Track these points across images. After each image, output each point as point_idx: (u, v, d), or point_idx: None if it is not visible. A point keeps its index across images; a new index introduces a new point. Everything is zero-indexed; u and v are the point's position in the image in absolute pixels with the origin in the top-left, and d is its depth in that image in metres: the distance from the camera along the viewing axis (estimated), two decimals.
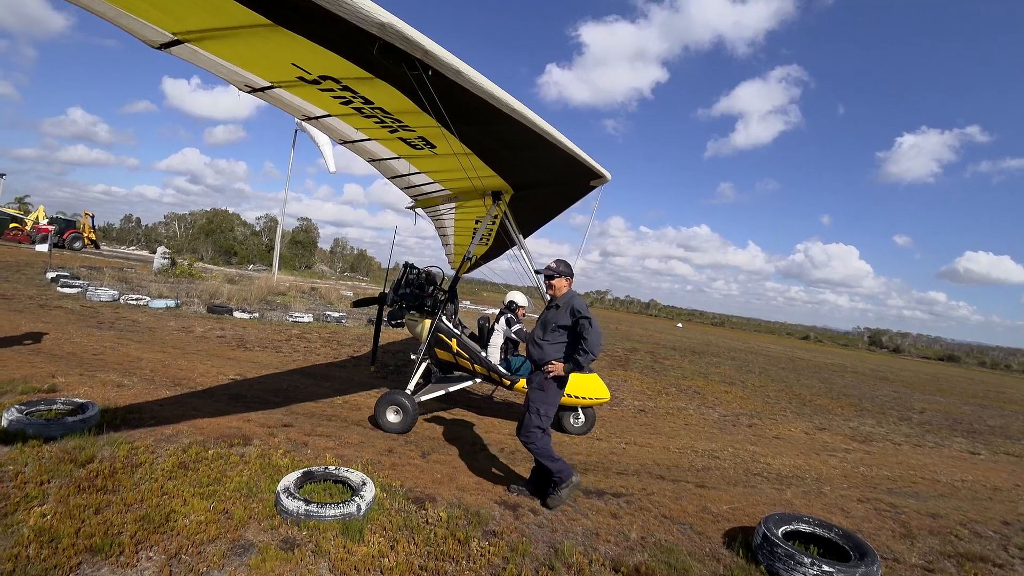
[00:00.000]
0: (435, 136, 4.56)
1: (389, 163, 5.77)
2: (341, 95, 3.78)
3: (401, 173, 6.14)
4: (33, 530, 2.93)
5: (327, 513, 3.42)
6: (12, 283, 13.66)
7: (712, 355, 20.96)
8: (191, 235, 55.22)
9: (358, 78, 3.47)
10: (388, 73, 3.34)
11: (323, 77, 3.49)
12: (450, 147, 4.75)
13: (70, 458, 3.84)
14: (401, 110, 4.03)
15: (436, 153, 5.10)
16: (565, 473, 4.21)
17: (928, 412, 13.43)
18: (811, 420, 10.31)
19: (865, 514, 5.17)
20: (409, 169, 5.96)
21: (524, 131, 4.24)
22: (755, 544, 3.79)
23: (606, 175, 5.82)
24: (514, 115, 3.86)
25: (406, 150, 5.16)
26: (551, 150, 4.80)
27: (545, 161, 5.41)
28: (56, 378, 5.93)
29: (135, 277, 17.41)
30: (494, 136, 4.73)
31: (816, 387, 15.49)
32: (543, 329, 4.38)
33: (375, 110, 4.06)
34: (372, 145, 5.12)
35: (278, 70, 3.48)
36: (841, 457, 7.56)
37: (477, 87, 3.38)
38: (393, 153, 5.36)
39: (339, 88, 3.66)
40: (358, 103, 3.94)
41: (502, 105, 3.67)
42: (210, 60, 3.29)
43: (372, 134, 4.76)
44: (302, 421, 5.75)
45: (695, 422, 8.81)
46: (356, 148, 5.24)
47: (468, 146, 4.88)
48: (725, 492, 5.30)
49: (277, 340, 11.00)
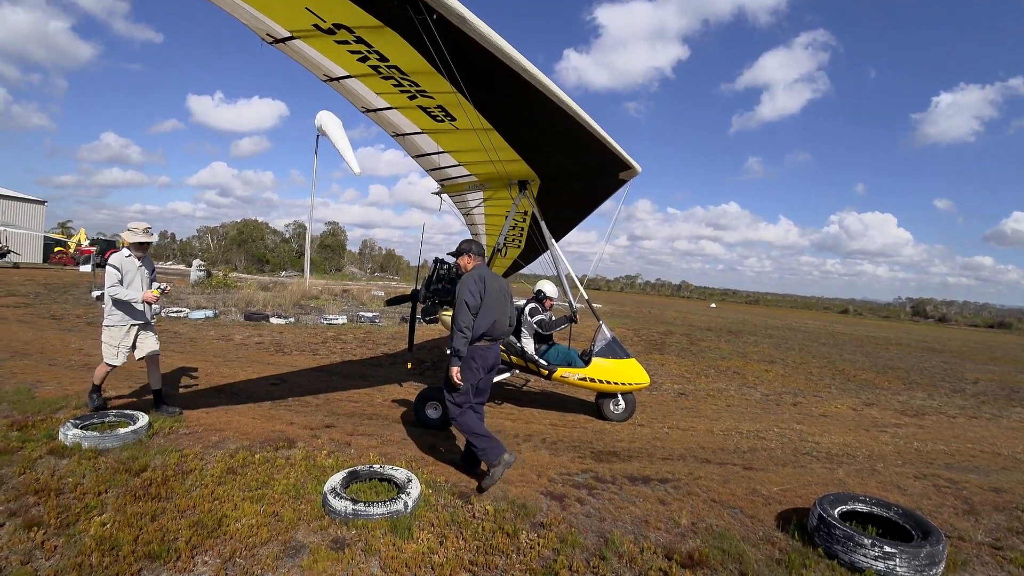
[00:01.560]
0: (454, 106, 4.51)
1: (412, 139, 5.75)
2: (357, 49, 3.76)
3: (425, 151, 6.11)
4: (94, 539, 3.01)
5: (375, 512, 3.43)
6: (60, 304, 14.20)
7: (749, 334, 20.54)
8: (224, 246, 56.69)
9: (369, 27, 3.45)
10: (396, 21, 3.32)
11: (337, 26, 3.48)
12: (469, 121, 4.68)
13: (125, 468, 3.95)
14: (416, 70, 3.99)
15: (457, 128, 5.05)
16: (492, 451, 4.08)
17: (982, 382, 12.91)
18: (857, 396, 10.01)
19: (923, 491, 4.98)
20: (433, 147, 5.93)
21: (542, 102, 4.14)
22: (811, 526, 3.67)
23: (636, 167, 5.69)
24: (525, 75, 3.76)
25: (427, 122, 5.12)
26: (574, 129, 4.70)
27: (571, 146, 5.30)
28: (106, 392, 6.12)
29: (174, 290, 17.91)
30: (514, 110, 4.64)
31: (860, 361, 15.03)
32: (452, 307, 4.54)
33: (391, 69, 4.03)
34: (393, 115, 5.10)
35: (294, 16, 3.47)
36: (892, 433, 7.31)
37: (483, 36, 3.31)
38: (415, 127, 5.34)
39: (353, 40, 3.63)
40: (374, 59, 3.91)
41: (510, 61, 3.58)
42: (230, 2, 3.32)
43: (392, 101, 4.73)
44: (343, 421, 5.81)
45: (737, 403, 8.63)
46: (378, 118, 5.22)
47: (489, 120, 4.80)
48: (774, 473, 5.17)
49: (313, 343, 11.17)
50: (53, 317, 12.09)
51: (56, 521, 3.19)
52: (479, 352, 4.33)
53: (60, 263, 30.52)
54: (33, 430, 4.64)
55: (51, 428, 4.64)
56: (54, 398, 5.68)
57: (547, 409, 7.09)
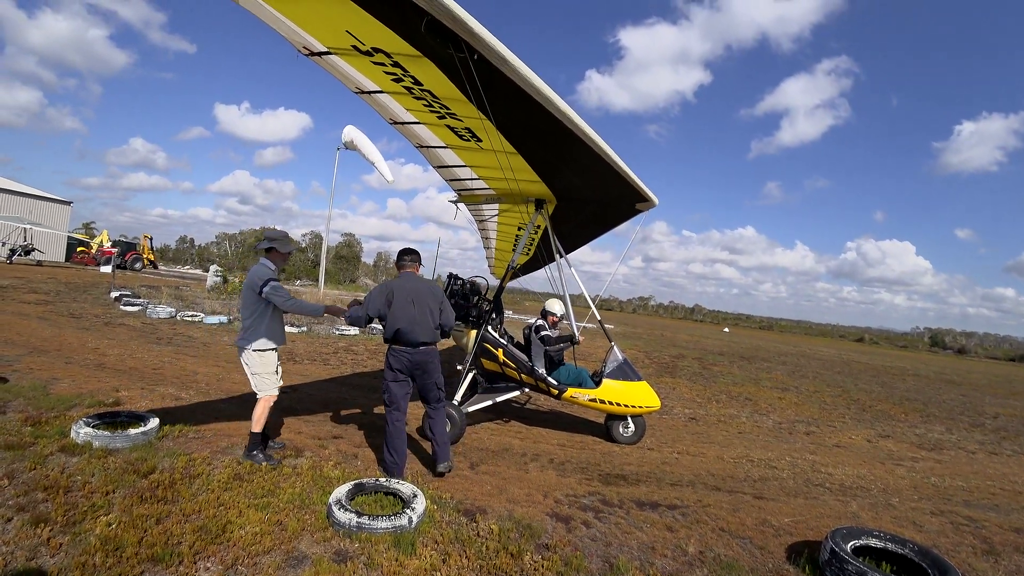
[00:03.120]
0: (481, 130, 4.57)
1: (436, 151, 5.79)
2: (392, 71, 3.80)
3: (447, 164, 6.16)
4: (99, 539, 3.02)
5: (379, 526, 3.41)
6: (80, 303, 14.44)
7: (762, 360, 20.26)
8: (241, 253, 57.37)
9: (408, 55, 3.49)
10: (435, 54, 3.35)
11: (375, 49, 3.52)
12: (493, 144, 4.72)
13: (133, 469, 3.97)
14: (448, 96, 4.03)
15: (482, 148, 5.10)
16: (389, 465, 4.57)
17: (1003, 417, 12.58)
18: (872, 427, 9.80)
19: (940, 528, 4.83)
20: (455, 161, 5.97)
21: (569, 136, 4.18)
22: (822, 560, 3.57)
23: (653, 199, 5.70)
24: (558, 114, 3.81)
25: (452, 139, 5.17)
26: (597, 161, 4.73)
27: (592, 175, 5.33)
28: (120, 392, 6.19)
29: (190, 295, 18.16)
30: (539, 139, 4.68)
31: (876, 392, 14.74)
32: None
33: (424, 92, 4.08)
34: (420, 129, 5.15)
35: (333, 36, 3.52)
36: (908, 466, 7.13)
37: (522, 78, 3.35)
38: (440, 142, 5.38)
39: (390, 64, 3.68)
40: (408, 82, 3.95)
41: (546, 101, 3.63)
42: (270, 13, 3.37)
43: (421, 117, 4.78)
44: (352, 433, 5.81)
45: (749, 430, 8.49)
46: (405, 130, 5.28)
47: (514, 145, 4.84)
48: (785, 504, 5.06)
49: (325, 353, 11.22)
50: (72, 316, 12.29)
51: (63, 519, 3.21)
52: (391, 354, 4.86)
53: (82, 263, 31.09)
54: (46, 426, 4.69)
55: (64, 425, 4.69)
56: (68, 396, 5.74)
57: (555, 429, 7.03)
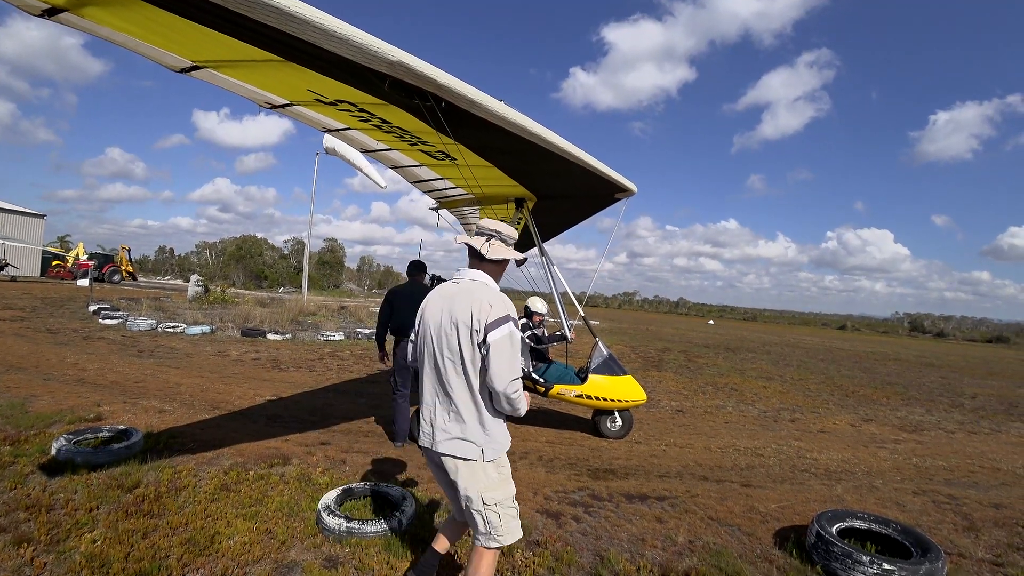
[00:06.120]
0: (455, 152, 4.59)
1: (412, 170, 5.84)
2: (359, 115, 3.83)
3: (424, 179, 6.20)
4: (85, 556, 2.98)
5: (369, 529, 3.40)
6: (57, 318, 14.16)
7: (747, 351, 20.52)
8: (222, 262, 56.68)
9: (373, 103, 3.51)
10: (401, 103, 3.37)
11: (339, 101, 3.53)
12: (467, 160, 4.76)
13: (117, 484, 3.92)
14: (419, 130, 4.07)
15: (456, 164, 5.14)
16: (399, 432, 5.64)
17: (980, 397, 12.88)
18: (856, 412, 9.97)
19: (923, 507, 4.95)
20: (431, 175, 6.01)
21: (545, 152, 4.22)
22: (808, 543, 3.64)
23: (632, 188, 5.76)
24: (534, 140, 3.83)
25: (427, 160, 5.23)
26: (574, 168, 4.78)
27: (569, 176, 5.39)
28: (101, 407, 6.09)
29: (171, 306, 17.89)
30: (515, 155, 4.72)
31: (858, 377, 15.01)
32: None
33: (393, 128, 4.10)
34: (394, 154, 5.19)
35: (295, 94, 3.53)
36: (891, 449, 7.28)
37: (493, 115, 3.35)
38: (415, 161, 5.42)
39: (356, 110, 3.70)
40: (376, 122, 3.98)
41: (521, 131, 3.65)
42: (229, 82, 3.36)
43: (393, 145, 4.82)
44: (339, 438, 5.78)
45: (735, 420, 8.60)
46: (379, 156, 5.32)
47: (488, 161, 4.89)
48: (772, 491, 5.14)
49: (310, 359, 11.14)
50: (49, 331, 12.05)
51: (46, 537, 3.16)
52: (396, 347, 5.58)
53: (58, 277, 30.49)
54: (26, 445, 4.61)
55: (44, 443, 4.61)
56: (48, 413, 5.64)
57: (544, 426, 7.05)
